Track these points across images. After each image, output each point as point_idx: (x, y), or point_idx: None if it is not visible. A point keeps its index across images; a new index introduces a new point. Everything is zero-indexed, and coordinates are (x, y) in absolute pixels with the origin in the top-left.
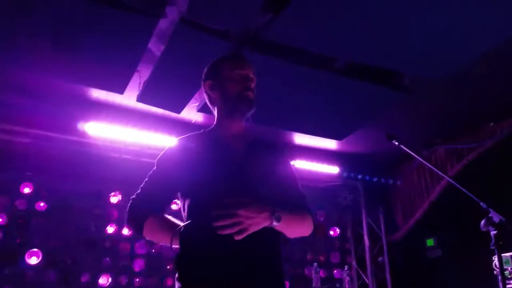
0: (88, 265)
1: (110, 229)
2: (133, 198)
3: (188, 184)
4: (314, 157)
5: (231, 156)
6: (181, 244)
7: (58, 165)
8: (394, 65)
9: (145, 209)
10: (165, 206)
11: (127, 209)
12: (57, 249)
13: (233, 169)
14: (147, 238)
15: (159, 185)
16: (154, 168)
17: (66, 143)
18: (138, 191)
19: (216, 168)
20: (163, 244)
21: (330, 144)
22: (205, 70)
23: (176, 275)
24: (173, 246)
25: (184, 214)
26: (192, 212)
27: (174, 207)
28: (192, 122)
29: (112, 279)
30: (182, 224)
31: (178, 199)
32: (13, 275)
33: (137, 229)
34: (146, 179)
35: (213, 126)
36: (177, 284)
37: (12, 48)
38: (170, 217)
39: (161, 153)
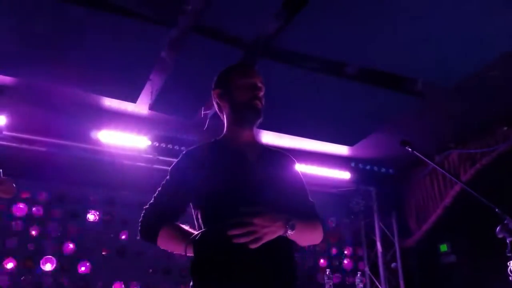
0: (103, 271)
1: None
2: (146, 208)
3: (201, 193)
4: (326, 162)
5: (243, 165)
6: (195, 252)
7: (72, 173)
8: (407, 71)
9: (159, 218)
10: (178, 215)
11: (140, 219)
12: (72, 255)
13: (246, 178)
14: (161, 247)
15: (172, 194)
16: (167, 177)
17: (80, 151)
18: (151, 201)
19: (228, 178)
20: (177, 252)
21: (342, 149)
22: (215, 79)
23: (191, 283)
24: (187, 254)
25: (198, 223)
26: (206, 221)
27: None
28: (204, 129)
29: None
30: (195, 232)
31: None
32: (30, 282)
33: (151, 238)
34: (159, 189)
35: (223, 135)
36: None
37: (27, 58)
38: (183, 226)
39: (174, 163)
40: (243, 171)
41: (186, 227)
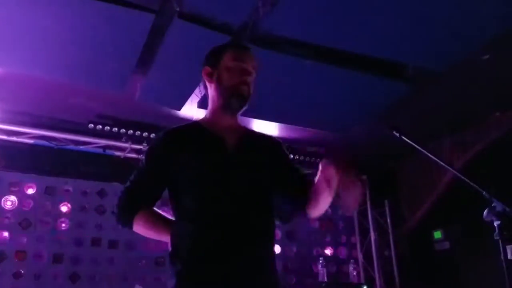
0: (94, 264)
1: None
2: (122, 192)
3: (176, 178)
4: (316, 151)
5: (221, 152)
6: (173, 240)
7: (62, 164)
8: (397, 56)
9: (135, 202)
10: (155, 199)
11: (116, 203)
12: (64, 248)
13: (226, 164)
14: (138, 232)
15: (148, 178)
16: (143, 160)
17: (70, 142)
18: (127, 184)
19: (207, 163)
20: (154, 238)
21: (333, 138)
22: (207, 53)
23: (170, 271)
24: (165, 241)
25: (173, 209)
26: (181, 207)
27: None
28: (194, 118)
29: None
30: (172, 218)
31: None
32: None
33: (127, 223)
34: (135, 172)
35: (204, 116)
36: (170, 281)
37: (12, 47)
38: (160, 211)
39: (150, 144)
40: (220, 158)
41: (163, 213)
